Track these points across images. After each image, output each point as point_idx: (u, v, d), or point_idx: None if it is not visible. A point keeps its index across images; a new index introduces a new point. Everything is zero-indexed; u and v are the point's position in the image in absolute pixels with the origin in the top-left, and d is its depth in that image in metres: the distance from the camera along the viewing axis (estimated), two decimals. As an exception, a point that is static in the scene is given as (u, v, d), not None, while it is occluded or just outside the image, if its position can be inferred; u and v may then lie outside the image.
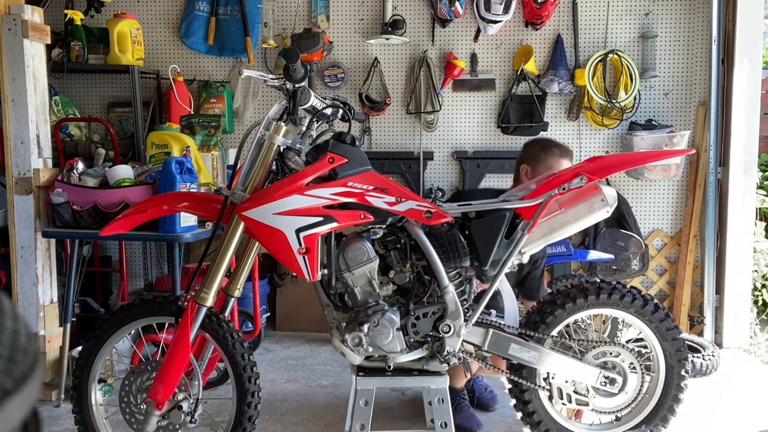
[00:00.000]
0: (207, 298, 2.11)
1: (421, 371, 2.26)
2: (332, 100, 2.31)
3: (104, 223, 2.38)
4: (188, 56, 4.42)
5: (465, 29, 4.30)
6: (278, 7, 4.35)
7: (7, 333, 0.46)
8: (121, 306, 2.30)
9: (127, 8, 4.29)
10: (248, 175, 2.14)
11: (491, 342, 2.28)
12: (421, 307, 2.21)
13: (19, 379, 0.45)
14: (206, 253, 2.22)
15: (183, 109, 4.03)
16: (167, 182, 2.81)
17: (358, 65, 4.38)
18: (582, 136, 4.31)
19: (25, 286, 3.09)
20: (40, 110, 3.12)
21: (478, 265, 2.23)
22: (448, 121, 4.38)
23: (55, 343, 3.16)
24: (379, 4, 4.31)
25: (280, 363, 3.67)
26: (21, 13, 3.00)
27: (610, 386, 2.34)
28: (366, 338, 2.15)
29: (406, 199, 2.11)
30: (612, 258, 3.78)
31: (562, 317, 2.34)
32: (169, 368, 2.10)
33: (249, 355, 2.19)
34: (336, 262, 2.20)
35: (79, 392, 2.30)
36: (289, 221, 2.03)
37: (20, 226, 3.08)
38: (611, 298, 2.33)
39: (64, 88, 4.35)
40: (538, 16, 4.07)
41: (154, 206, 2.22)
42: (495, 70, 4.33)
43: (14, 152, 3.05)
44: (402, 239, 2.21)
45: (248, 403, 2.18)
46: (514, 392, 2.40)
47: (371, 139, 4.40)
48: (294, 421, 2.90)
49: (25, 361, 0.47)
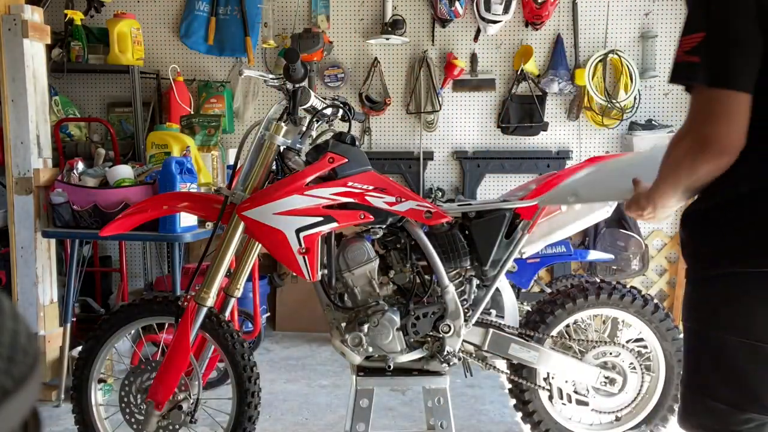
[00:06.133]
0: (207, 298, 2.11)
1: (421, 371, 2.26)
2: (332, 100, 2.31)
3: (104, 223, 2.38)
4: (188, 56, 4.42)
5: (465, 29, 4.30)
6: (278, 7, 4.35)
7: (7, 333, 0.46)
8: (121, 306, 2.30)
9: (127, 8, 4.29)
10: (248, 175, 2.13)
11: (491, 342, 2.28)
12: (421, 307, 2.21)
13: (19, 379, 0.45)
14: (206, 253, 2.22)
15: (183, 109, 4.03)
16: (167, 182, 2.81)
17: (358, 65, 4.38)
18: (582, 136, 4.31)
19: (25, 286, 3.09)
20: (40, 110, 3.11)
21: (478, 265, 2.23)
22: (448, 121, 4.38)
23: (55, 343, 3.16)
24: (379, 4, 4.31)
25: (280, 363, 3.67)
26: (21, 13, 3.00)
27: (610, 386, 2.34)
28: (366, 338, 2.15)
29: (406, 199, 2.11)
30: (612, 258, 3.78)
31: (562, 317, 2.34)
32: (169, 368, 2.10)
33: (249, 355, 2.19)
34: (336, 262, 2.20)
35: (79, 392, 2.30)
36: (289, 221, 2.03)
37: (20, 226, 3.08)
38: (611, 298, 2.33)
39: (64, 88, 4.34)
40: (538, 16, 4.07)
41: (154, 206, 2.22)
42: (495, 70, 4.34)
43: (14, 152, 3.05)
44: (402, 239, 2.21)
45: (248, 403, 2.18)
46: (514, 392, 2.40)
47: (371, 139, 4.40)
48: (294, 421, 2.90)
49: (25, 361, 0.47)
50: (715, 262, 1.29)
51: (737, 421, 1.27)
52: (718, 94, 1.16)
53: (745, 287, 1.25)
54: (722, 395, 1.28)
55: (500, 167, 4.33)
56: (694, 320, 1.35)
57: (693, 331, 1.35)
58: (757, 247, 1.23)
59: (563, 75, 4.17)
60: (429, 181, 4.38)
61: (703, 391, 1.32)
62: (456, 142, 4.39)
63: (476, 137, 4.38)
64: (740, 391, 1.27)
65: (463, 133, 4.39)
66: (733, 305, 1.27)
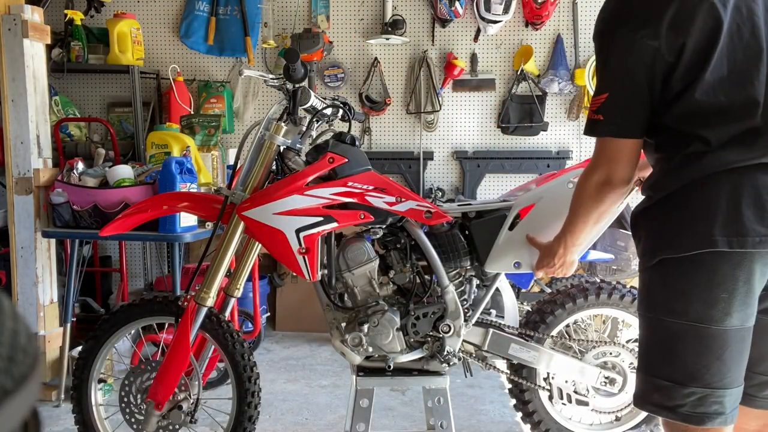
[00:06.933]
0: (207, 298, 2.11)
1: (421, 371, 2.26)
2: (332, 100, 2.31)
3: (104, 223, 2.38)
4: (188, 56, 4.42)
5: (465, 29, 4.31)
6: (278, 7, 4.35)
7: (7, 333, 0.46)
8: (121, 306, 2.30)
9: (127, 8, 4.29)
10: (248, 175, 2.13)
11: (491, 342, 2.28)
12: (421, 307, 2.21)
13: (19, 379, 0.45)
14: (206, 253, 2.22)
15: (183, 109, 4.04)
16: (167, 182, 2.81)
17: (358, 65, 4.38)
18: (582, 136, 4.30)
19: (25, 286, 3.09)
20: (40, 110, 3.12)
21: (478, 265, 2.23)
22: (448, 121, 4.38)
23: (55, 343, 3.16)
24: (379, 4, 4.32)
25: (280, 363, 3.67)
26: (21, 13, 3.00)
27: (610, 386, 2.34)
28: (366, 338, 2.15)
29: (406, 199, 2.10)
30: (612, 258, 3.77)
31: (562, 317, 2.34)
32: (169, 368, 2.10)
33: (249, 355, 2.19)
34: (336, 262, 2.20)
35: (79, 392, 2.29)
36: (289, 221, 2.03)
37: (20, 226, 3.08)
38: (611, 298, 2.33)
39: (64, 88, 4.35)
40: (538, 16, 4.08)
41: (154, 206, 2.22)
42: (495, 70, 4.34)
43: (14, 152, 3.05)
44: (402, 239, 2.21)
45: (248, 403, 2.18)
46: (514, 392, 2.40)
47: (371, 139, 4.40)
48: (294, 421, 2.90)
49: (25, 361, 0.47)
50: (654, 253, 1.46)
51: (681, 395, 1.41)
52: (617, 143, 1.48)
53: (679, 272, 1.41)
54: (666, 373, 1.43)
55: (500, 167, 4.33)
56: (641, 307, 1.51)
57: (641, 317, 1.51)
58: (685, 233, 1.39)
59: (563, 75, 4.17)
60: (429, 181, 4.39)
61: (650, 371, 1.47)
62: (456, 142, 4.39)
63: (476, 137, 4.38)
64: (681, 368, 1.41)
65: (463, 133, 4.39)
66: (669, 290, 1.43)
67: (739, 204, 1.35)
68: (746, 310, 1.38)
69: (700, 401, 1.40)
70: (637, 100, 1.43)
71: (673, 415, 1.44)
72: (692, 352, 1.40)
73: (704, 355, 1.39)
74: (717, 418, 1.40)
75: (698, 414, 1.41)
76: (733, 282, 1.36)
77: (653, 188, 1.48)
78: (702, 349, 1.39)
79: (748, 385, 1.45)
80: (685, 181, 1.41)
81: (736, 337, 1.38)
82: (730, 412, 1.41)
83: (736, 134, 1.37)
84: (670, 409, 1.44)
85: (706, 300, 1.38)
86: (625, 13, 1.43)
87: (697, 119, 1.39)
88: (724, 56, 1.37)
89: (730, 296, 1.36)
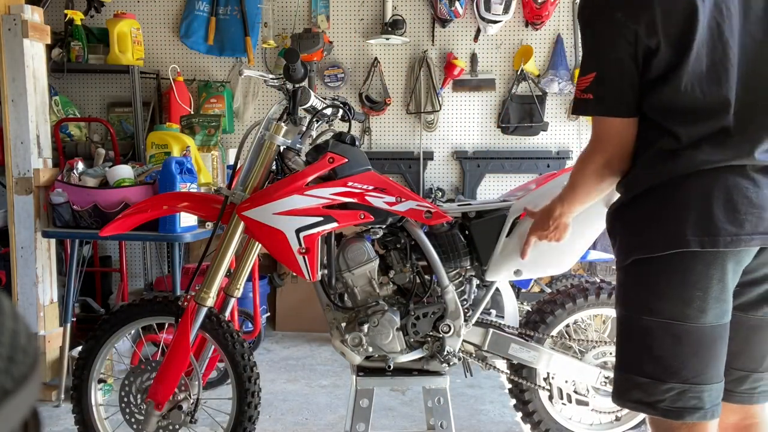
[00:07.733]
0: (207, 298, 2.11)
1: (421, 371, 2.26)
2: (332, 100, 2.31)
3: (104, 223, 2.38)
4: (188, 56, 4.42)
5: (465, 29, 4.31)
6: (278, 7, 4.35)
7: (7, 333, 0.46)
8: (121, 306, 2.30)
9: (127, 8, 4.29)
10: (248, 175, 2.13)
11: (491, 342, 2.28)
12: (421, 307, 2.21)
13: (19, 379, 0.45)
14: (206, 253, 2.22)
15: (183, 109, 4.04)
16: (167, 182, 2.81)
17: (358, 65, 4.38)
18: (582, 136, 4.31)
19: (25, 286, 3.09)
20: (40, 110, 3.12)
21: (478, 265, 2.23)
22: (448, 121, 4.38)
23: (55, 343, 3.16)
24: (379, 4, 4.32)
25: (280, 363, 3.67)
26: (21, 13, 3.00)
27: (610, 386, 2.34)
28: (366, 338, 2.15)
29: (406, 199, 2.10)
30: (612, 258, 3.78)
31: (562, 317, 2.34)
32: (169, 368, 2.10)
33: (249, 355, 2.19)
34: (336, 262, 2.20)
35: (79, 392, 2.29)
36: (289, 221, 2.03)
37: (20, 226, 3.08)
38: (611, 298, 2.33)
39: (64, 88, 4.35)
40: (538, 16, 4.08)
41: (154, 206, 2.22)
42: (495, 70, 4.34)
43: (14, 152, 3.05)
44: (402, 239, 2.21)
45: (248, 403, 2.18)
46: (514, 392, 2.40)
47: (371, 139, 4.40)
48: (294, 421, 2.90)
49: (25, 361, 0.47)
50: (628, 253, 1.48)
51: (660, 391, 1.43)
52: (610, 123, 1.46)
53: (653, 271, 1.43)
54: (645, 370, 1.45)
55: (500, 167, 4.33)
56: (618, 306, 1.53)
57: (618, 316, 1.53)
58: (658, 234, 1.41)
59: (563, 75, 4.17)
60: (429, 181, 4.39)
61: (629, 369, 1.49)
62: (456, 142, 4.39)
63: (476, 137, 4.38)
64: (659, 365, 1.43)
65: (463, 133, 4.39)
66: (645, 289, 1.45)
67: (710, 205, 1.36)
68: (721, 306, 1.40)
69: (679, 396, 1.42)
70: (626, 79, 1.42)
71: (653, 411, 1.45)
72: (669, 348, 1.42)
73: (681, 352, 1.41)
74: (696, 413, 1.41)
75: (677, 409, 1.42)
76: (707, 280, 1.38)
77: (626, 185, 1.49)
78: (679, 346, 1.41)
79: (727, 380, 1.47)
80: (657, 181, 1.42)
81: (712, 333, 1.40)
82: (710, 407, 1.42)
83: (707, 133, 1.37)
84: (649, 405, 1.45)
85: (681, 298, 1.39)
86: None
87: (671, 113, 1.40)
88: (704, 51, 1.36)
89: (704, 294, 1.38)
